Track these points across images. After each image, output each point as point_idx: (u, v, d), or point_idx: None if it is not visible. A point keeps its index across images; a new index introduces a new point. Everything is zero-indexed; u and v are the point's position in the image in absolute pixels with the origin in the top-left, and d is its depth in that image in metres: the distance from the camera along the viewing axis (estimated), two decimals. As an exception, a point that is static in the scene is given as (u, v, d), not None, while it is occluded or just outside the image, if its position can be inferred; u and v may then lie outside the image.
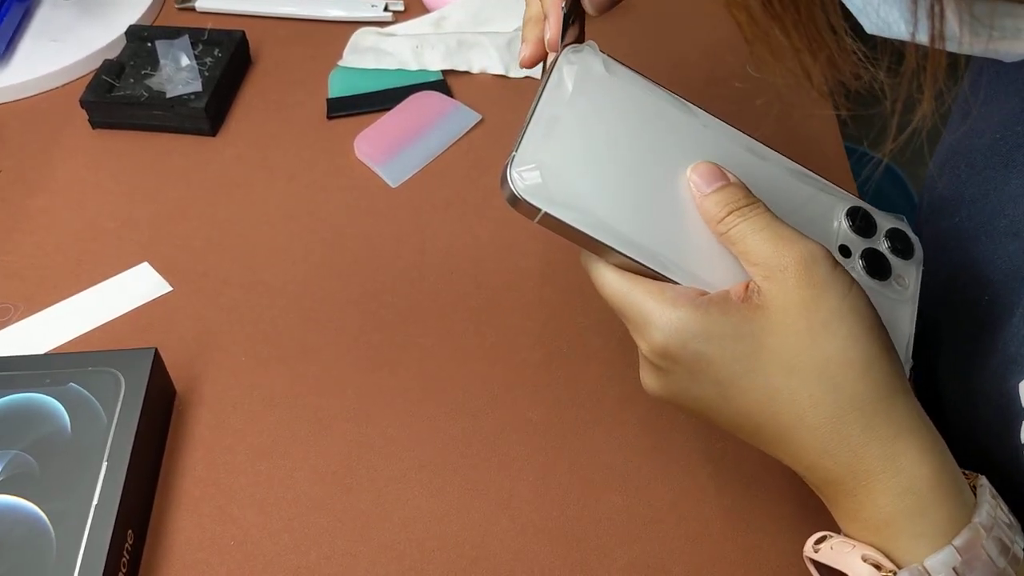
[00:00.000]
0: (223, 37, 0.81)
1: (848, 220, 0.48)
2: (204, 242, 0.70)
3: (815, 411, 0.40)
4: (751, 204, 0.43)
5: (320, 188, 0.74)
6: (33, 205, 0.73)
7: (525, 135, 0.44)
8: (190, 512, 0.55)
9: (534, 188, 0.42)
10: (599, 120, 0.45)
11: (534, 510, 0.55)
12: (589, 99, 0.45)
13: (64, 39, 0.84)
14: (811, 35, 0.34)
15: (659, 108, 0.47)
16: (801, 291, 0.40)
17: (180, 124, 0.77)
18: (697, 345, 0.41)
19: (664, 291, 0.42)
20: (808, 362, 0.40)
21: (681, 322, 0.41)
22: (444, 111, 0.78)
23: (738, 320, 0.41)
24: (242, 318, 0.65)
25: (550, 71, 0.46)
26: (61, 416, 0.55)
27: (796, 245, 0.41)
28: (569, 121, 0.45)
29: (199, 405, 0.60)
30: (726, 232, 0.43)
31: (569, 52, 0.47)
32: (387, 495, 0.56)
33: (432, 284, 0.67)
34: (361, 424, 0.59)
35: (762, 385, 0.41)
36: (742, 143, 0.48)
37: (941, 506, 0.39)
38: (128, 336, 0.64)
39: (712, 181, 0.44)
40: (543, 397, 0.60)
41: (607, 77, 0.46)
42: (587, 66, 0.46)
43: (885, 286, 0.47)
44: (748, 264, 0.42)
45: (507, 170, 0.43)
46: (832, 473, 0.41)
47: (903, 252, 0.48)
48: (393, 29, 0.86)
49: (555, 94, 0.45)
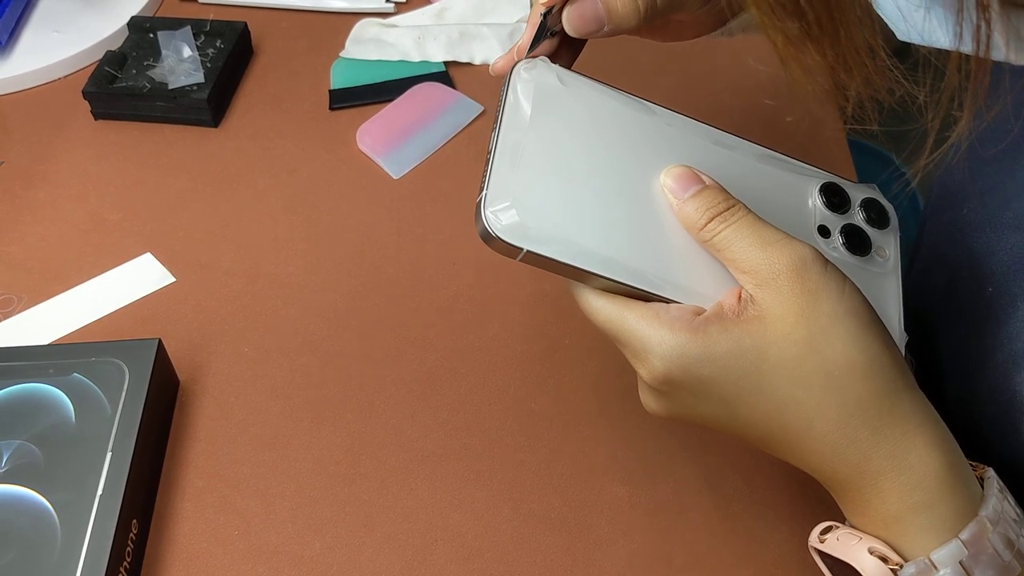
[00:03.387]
0: (225, 28, 0.81)
1: (822, 197, 0.48)
2: (206, 233, 0.70)
3: (822, 418, 0.40)
4: (731, 207, 0.42)
5: (322, 180, 0.74)
6: (36, 196, 0.73)
7: (492, 169, 0.42)
8: (194, 502, 0.56)
9: (513, 227, 0.41)
10: (563, 139, 0.44)
11: (537, 500, 0.55)
12: (549, 118, 0.44)
13: (66, 30, 0.84)
14: (848, 55, 0.33)
15: (620, 114, 0.46)
16: (796, 298, 0.39)
17: (182, 115, 0.77)
18: (700, 369, 0.40)
19: (659, 315, 0.41)
20: (812, 370, 0.39)
21: (681, 348, 0.40)
22: (446, 102, 0.78)
23: (738, 336, 0.40)
24: (245, 309, 0.65)
25: (505, 90, 0.44)
26: (65, 406, 0.55)
27: (785, 250, 0.40)
28: (533, 145, 0.43)
29: (202, 395, 0.60)
30: (710, 239, 0.42)
31: (521, 69, 0.45)
32: (390, 486, 0.56)
33: (434, 275, 0.67)
34: (364, 415, 0.59)
35: (768, 398, 0.40)
36: (708, 136, 0.47)
37: (949, 500, 0.40)
38: (131, 327, 0.64)
39: (687, 186, 0.43)
40: (545, 388, 0.60)
41: (563, 91, 0.45)
42: (542, 81, 0.45)
43: (867, 261, 0.47)
44: (737, 272, 0.41)
45: (481, 210, 0.41)
46: (840, 473, 0.41)
47: (879, 222, 0.48)
48: (395, 20, 0.86)
49: (514, 117, 0.44)
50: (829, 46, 0.33)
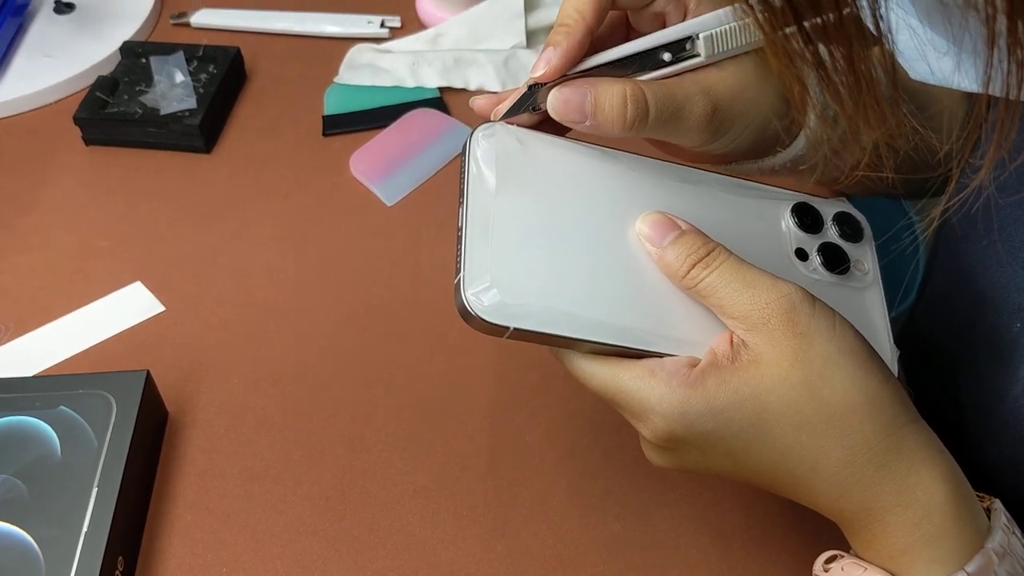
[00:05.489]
0: (218, 53, 0.81)
1: (794, 218, 0.47)
2: (197, 261, 0.69)
3: (827, 460, 0.40)
4: (712, 251, 0.41)
5: (315, 206, 0.73)
6: (25, 223, 0.72)
7: (466, 248, 0.41)
8: (182, 538, 0.55)
9: (496, 307, 0.40)
10: (532, 204, 0.43)
11: (531, 536, 0.54)
12: (514, 184, 0.43)
13: (58, 55, 0.84)
14: (868, 104, 0.33)
15: (585, 167, 0.45)
16: (789, 341, 0.39)
17: (174, 141, 0.76)
18: (703, 425, 0.40)
19: (655, 373, 0.40)
20: (813, 415, 0.39)
21: (682, 405, 0.40)
22: (441, 129, 0.77)
23: (736, 385, 0.39)
24: (235, 338, 0.64)
25: (465, 159, 0.43)
26: (51, 440, 0.54)
27: (772, 292, 0.40)
28: (503, 216, 0.42)
29: (191, 427, 0.60)
30: (694, 286, 0.41)
31: (479, 136, 0.44)
32: (381, 521, 0.55)
33: (427, 304, 0.66)
34: (355, 448, 0.58)
35: (772, 446, 0.40)
36: (673, 175, 0.46)
37: (955, 533, 0.39)
38: (120, 357, 0.63)
39: (664, 232, 0.42)
40: (539, 420, 0.59)
41: (525, 153, 0.44)
42: (501, 147, 0.43)
43: (848, 278, 0.47)
44: (726, 317, 0.41)
45: (461, 292, 0.40)
46: (847, 511, 0.41)
47: (853, 236, 0.48)
48: (389, 46, 0.86)
49: (479, 189, 0.42)
50: (849, 96, 0.32)
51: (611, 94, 0.42)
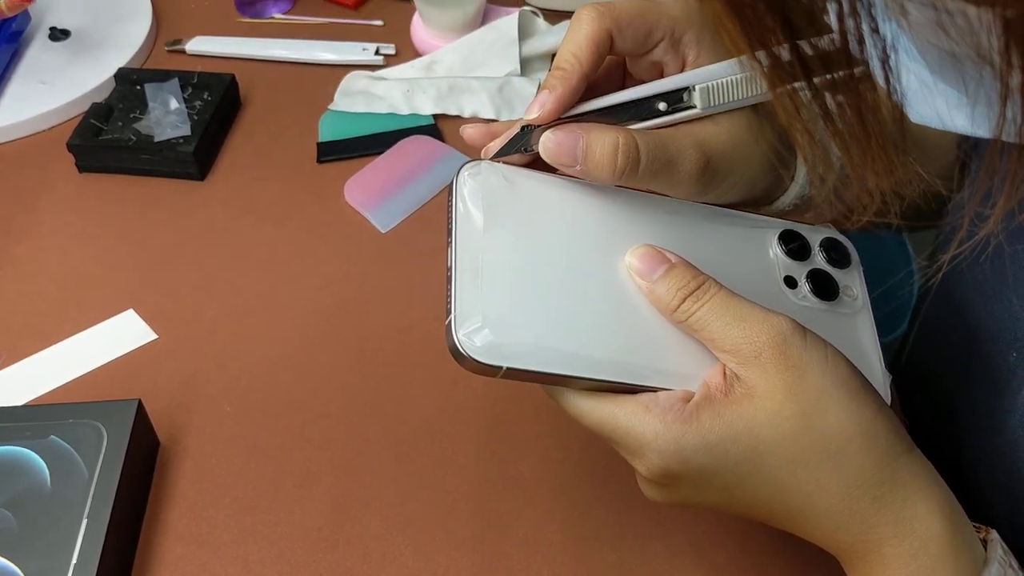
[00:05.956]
0: (213, 80, 0.81)
1: (782, 246, 0.47)
2: (191, 289, 0.69)
3: (823, 493, 0.40)
4: (702, 285, 0.41)
5: (309, 233, 0.73)
6: (17, 250, 0.72)
7: (456, 288, 0.40)
8: (172, 570, 0.54)
9: (488, 347, 0.39)
10: (520, 241, 0.43)
11: (524, 568, 0.54)
12: (502, 222, 0.43)
13: (52, 81, 0.84)
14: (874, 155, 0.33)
15: (572, 202, 0.45)
16: (782, 374, 0.39)
17: (168, 168, 0.76)
18: (699, 460, 0.40)
19: (649, 408, 0.40)
20: (808, 448, 0.39)
21: (677, 442, 0.39)
22: (435, 156, 0.78)
23: (730, 419, 0.39)
24: (227, 367, 0.64)
25: (452, 198, 0.43)
26: (41, 470, 0.54)
27: (763, 326, 0.40)
28: (492, 255, 0.42)
29: (183, 457, 0.59)
30: (685, 320, 0.41)
31: (465, 175, 0.43)
32: (373, 552, 0.55)
33: (421, 333, 0.66)
34: (347, 478, 0.58)
35: (767, 480, 0.40)
36: (659, 207, 0.46)
37: (951, 564, 0.39)
38: (112, 385, 0.63)
39: (654, 266, 0.42)
40: (534, 449, 0.59)
41: (511, 190, 0.44)
42: (488, 185, 0.43)
43: (837, 304, 0.47)
44: (718, 351, 0.41)
45: (452, 333, 0.40)
46: (844, 543, 0.41)
47: (840, 261, 0.48)
48: (384, 73, 0.86)
49: (467, 229, 0.42)
50: (856, 147, 0.32)
51: (603, 142, 0.42)
